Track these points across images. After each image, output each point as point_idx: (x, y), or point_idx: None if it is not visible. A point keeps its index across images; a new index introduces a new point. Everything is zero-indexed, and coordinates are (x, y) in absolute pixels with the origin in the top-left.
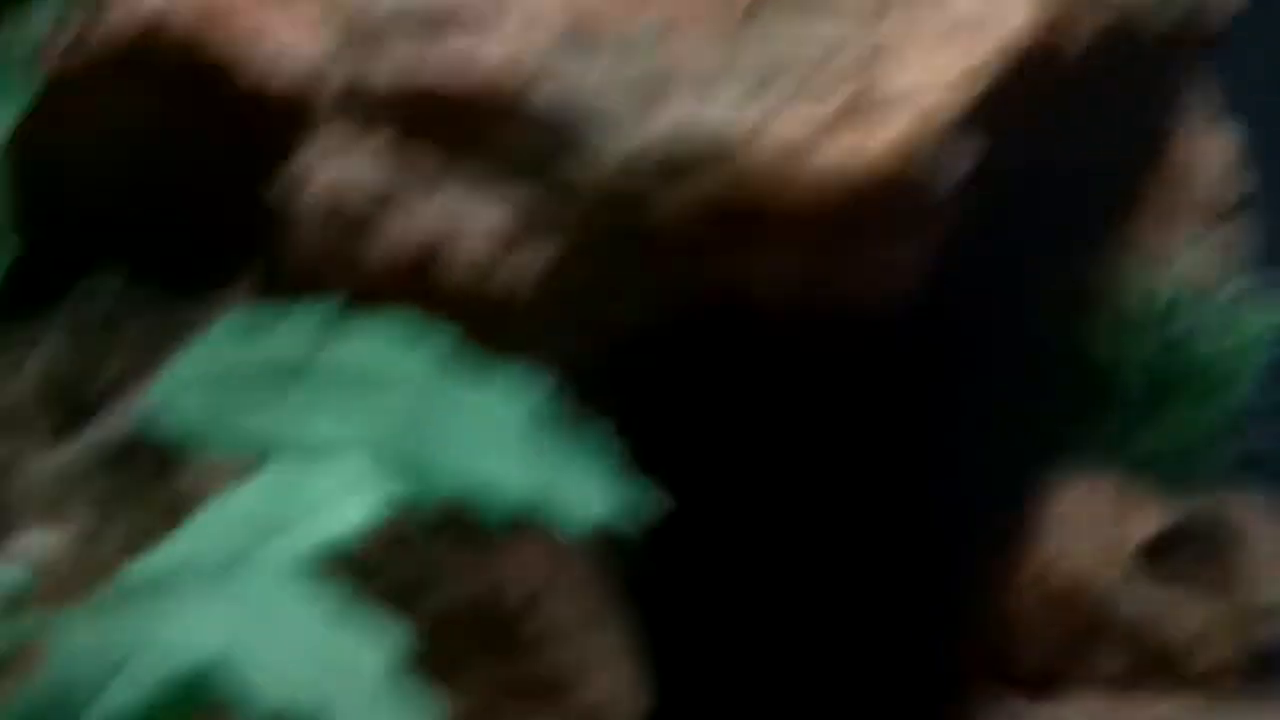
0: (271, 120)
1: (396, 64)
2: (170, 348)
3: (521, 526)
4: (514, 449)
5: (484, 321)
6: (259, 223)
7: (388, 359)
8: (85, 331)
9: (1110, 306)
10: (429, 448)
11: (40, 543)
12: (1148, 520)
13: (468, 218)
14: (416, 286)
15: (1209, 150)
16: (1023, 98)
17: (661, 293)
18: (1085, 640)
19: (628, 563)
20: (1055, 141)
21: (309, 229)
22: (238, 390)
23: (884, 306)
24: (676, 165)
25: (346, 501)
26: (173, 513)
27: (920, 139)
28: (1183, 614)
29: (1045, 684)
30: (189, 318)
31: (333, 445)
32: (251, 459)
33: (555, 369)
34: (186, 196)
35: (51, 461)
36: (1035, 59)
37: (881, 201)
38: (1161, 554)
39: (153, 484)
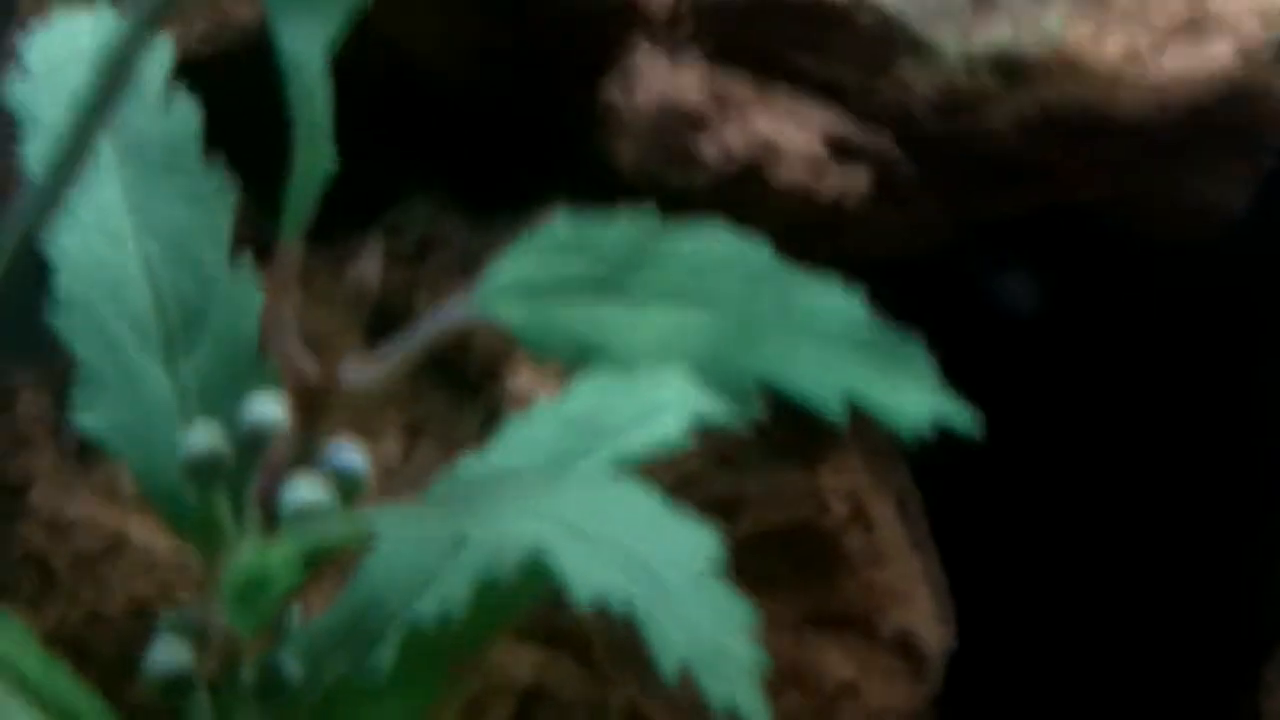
0: (603, 26)
1: None
2: (486, 267)
3: (846, 434)
4: (844, 353)
5: (813, 228)
6: (583, 133)
7: (713, 265)
8: (399, 253)
9: None
10: (758, 351)
11: (355, 461)
12: None
13: (799, 122)
14: (747, 192)
15: None
16: None
17: (993, 200)
18: None
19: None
20: None
21: (639, 134)
22: (559, 296)
23: (1218, 230)
24: (1016, 69)
25: (666, 411)
26: (489, 425)
27: (1257, 52)
28: None
29: None
30: (506, 237)
31: (657, 352)
32: (571, 369)
33: (880, 276)
34: (510, 111)
35: (364, 379)
36: None
37: (1221, 112)
38: None
39: (468, 399)
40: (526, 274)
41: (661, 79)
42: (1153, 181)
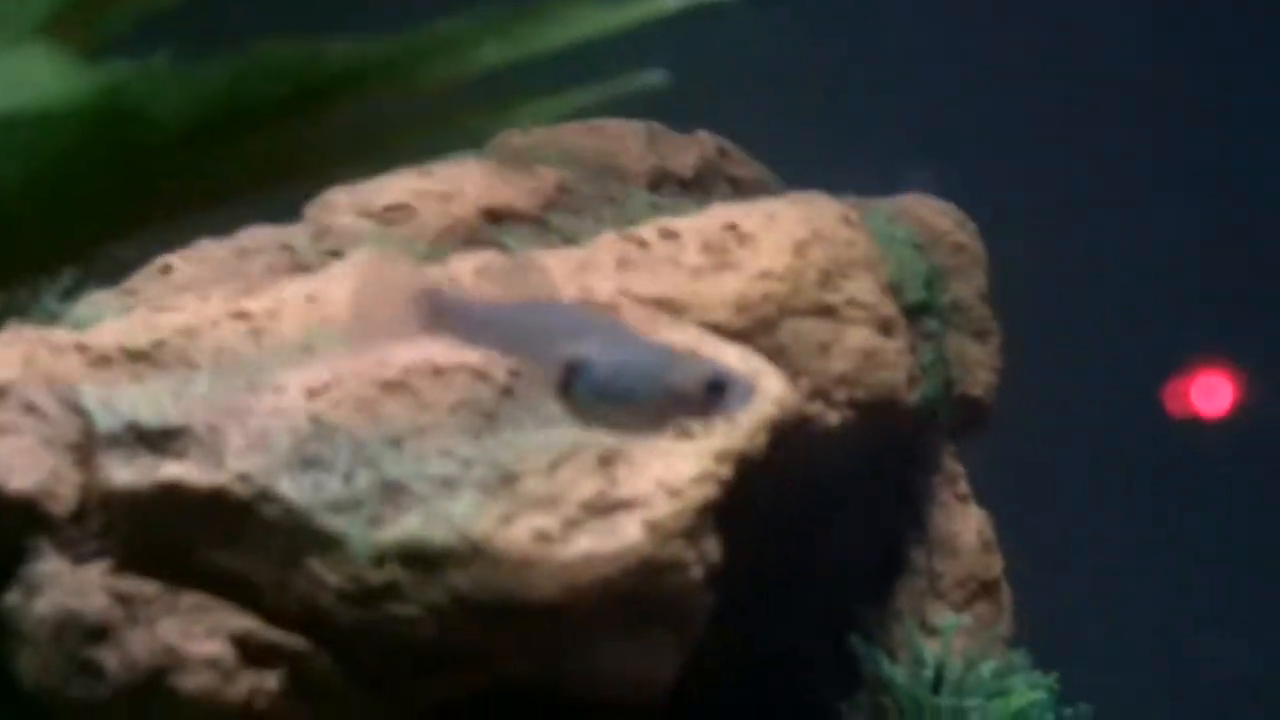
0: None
1: (125, 482)
2: None
3: None
4: None
5: None
6: None
7: None
8: None
9: (878, 683)
10: None
11: None
12: None
13: (208, 625)
14: (153, 700)
15: (968, 525)
16: (776, 479)
17: (417, 691)
18: None
19: None
20: (816, 522)
21: (39, 644)
22: None
23: (648, 698)
24: (427, 558)
25: None
26: None
27: (664, 534)
28: None
29: None
30: None
31: None
32: None
33: None
34: None
35: None
36: (786, 439)
37: (630, 592)
38: None
39: None
40: None
41: (64, 585)
42: (572, 656)
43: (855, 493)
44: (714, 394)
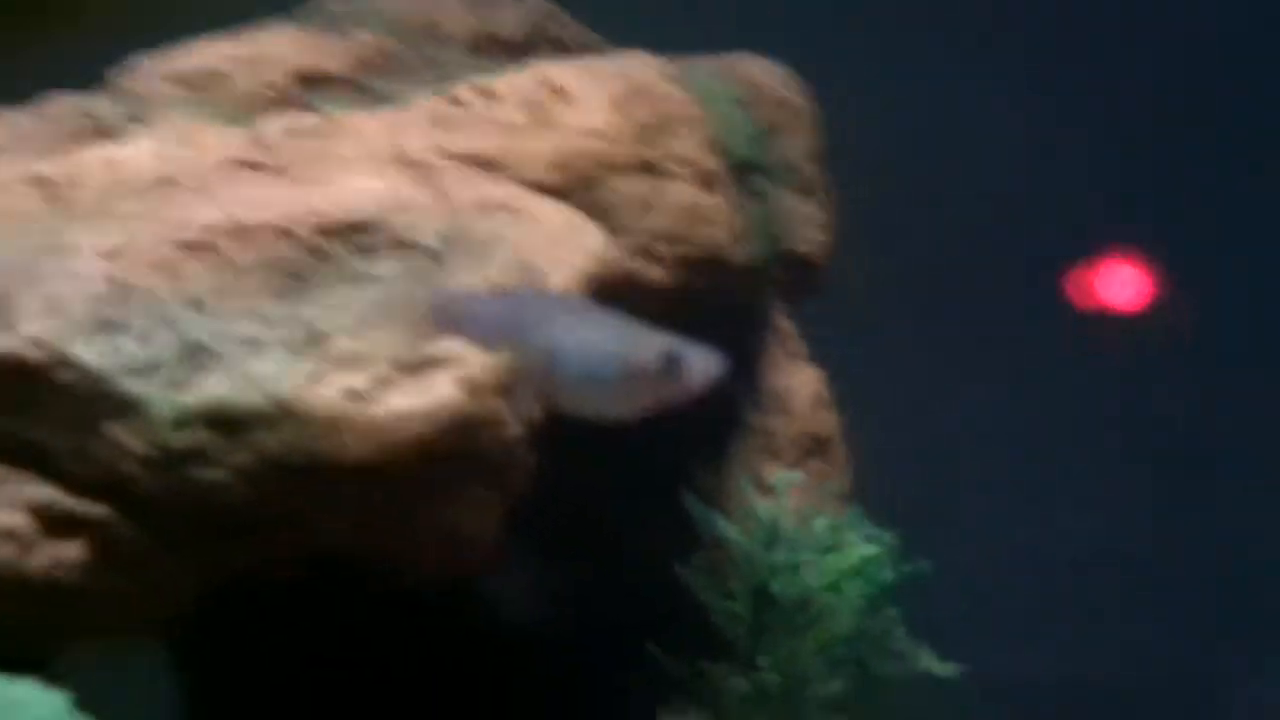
0: None
1: None
2: None
3: None
4: None
5: (32, 601)
6: None
7: None
8: None
9: (715, 541)
10: None
11: None
12: None
13: (3, 497)
14: None
15: (802, 383)
16: None
17: (230, 556)
18: None
19: None
20: None
21: None
22: None
23: (469, 568)
24: (233, 420)
25: None
26: None
27: (479, 390)
28: None
29: None
30: None
31: None
32: None
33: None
34: None
35: None
36: (612, 295)
37: (447, 449)
38: None
39: None
40: None
41: None
42: (394, 518)
43: None
44: (671, 366)
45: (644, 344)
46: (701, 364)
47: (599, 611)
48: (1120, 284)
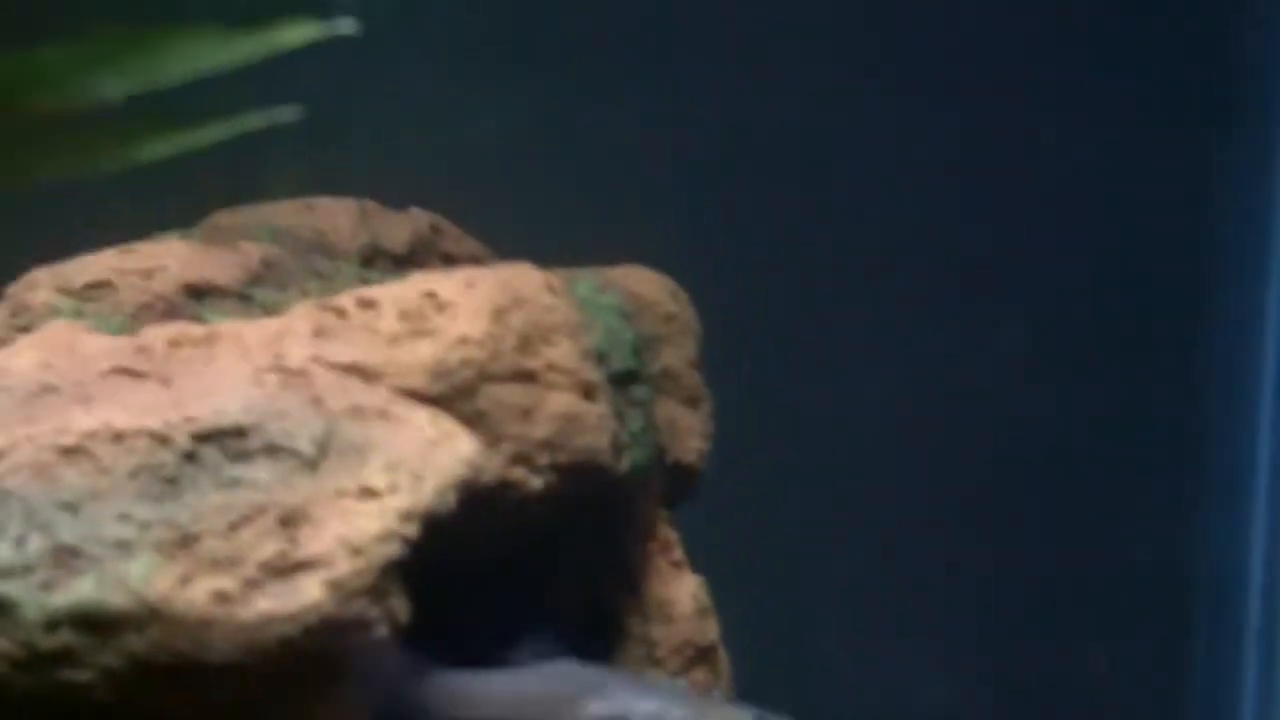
0: None
1: None
2: None
3: None
4: None
5: None
6: None
7: None
8: None
9: None
10: None
11: None
12: None
13: None
14: None
15: (683, 592)
16: (478, 533)
17: None
18: None
19: None
20: (530, 589)
21: None
22: None
23: None
24: (101, 622)
25: None
26: None
27: (346, 592)
28: None
29: None
30: None
31: None
32: None
33: None
34: None
35: None
36: (490, 503)
37: (313, 650)
38: None
39: None
40: None
41: None
42: (257, 716)
43: (570, 560)
44: None
45: (723, 714)
46: None
47: None
48: None
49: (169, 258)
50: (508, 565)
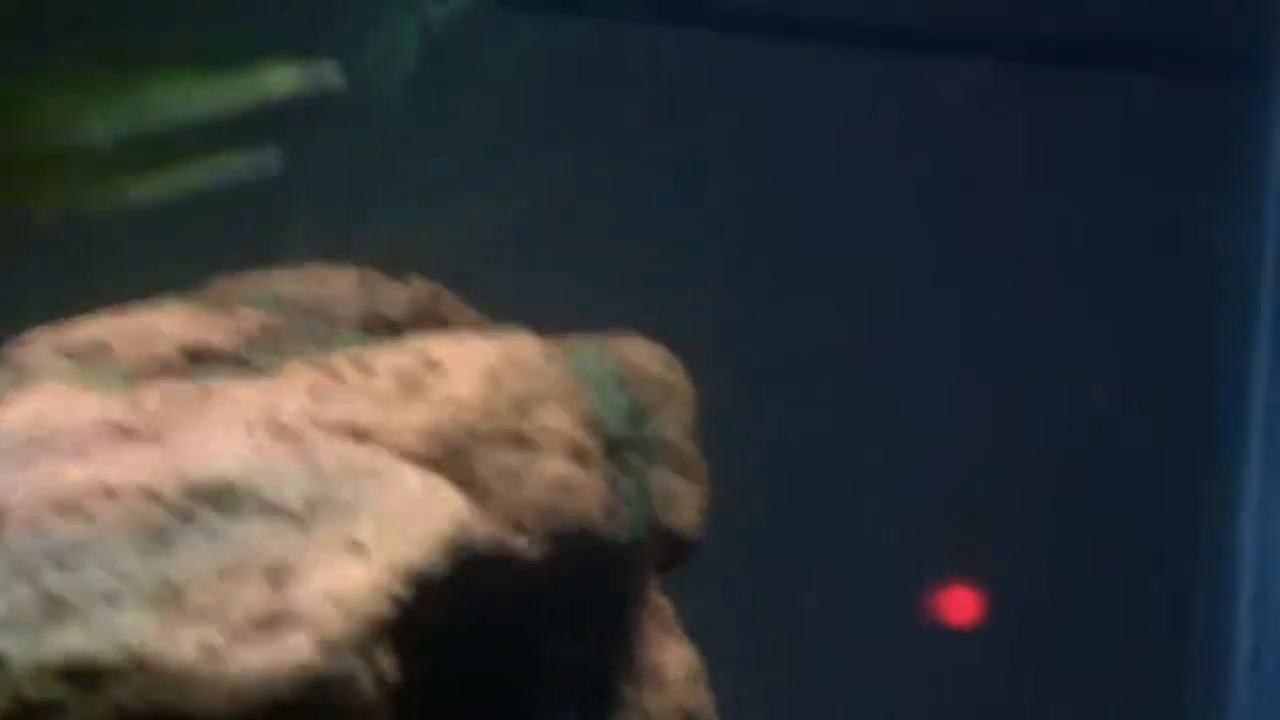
0: None
1: None
2: None
3: None
4: None
5: None
6: None
7: None
8: None
9: None
10: None
11: None
12: None
13: None
14: None
15: (675, 658)
16: (477, 607)
17: None
18: None
19: None
20: (521, 643)
21: None
22: None
23: None
24: (88, 674)
25: None
26: None
27: (333, 648)
28: None
29: None
30: None
31: None
32: None
33: None
34: None
35: None
36: (482, 566)
37: (298, 705)
38: None
39: None
40: None
41: None
42: None
43: (562, 625)
44: None
45: None
46: None
47: None
48: None
49: (166, 321)
50: (504, 634)
